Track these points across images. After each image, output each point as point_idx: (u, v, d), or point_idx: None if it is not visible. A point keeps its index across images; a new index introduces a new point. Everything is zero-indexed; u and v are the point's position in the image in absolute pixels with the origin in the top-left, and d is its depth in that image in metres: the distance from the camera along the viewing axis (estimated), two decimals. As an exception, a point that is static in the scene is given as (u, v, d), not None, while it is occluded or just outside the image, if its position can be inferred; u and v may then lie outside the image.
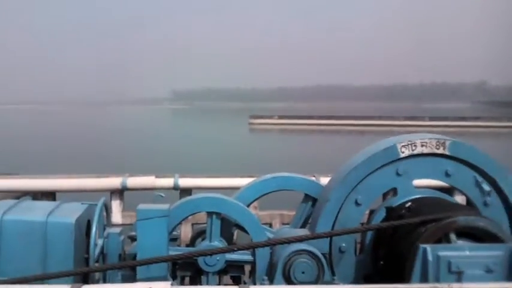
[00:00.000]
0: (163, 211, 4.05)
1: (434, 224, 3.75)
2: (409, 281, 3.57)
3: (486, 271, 3.53)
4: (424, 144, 4.16)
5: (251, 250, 4.23)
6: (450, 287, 3.15)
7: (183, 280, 4.42)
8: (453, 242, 3.70)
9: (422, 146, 4.16)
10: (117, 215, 7.09)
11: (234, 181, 6.95)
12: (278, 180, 4.96)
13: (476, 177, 4.20)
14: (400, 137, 4.29)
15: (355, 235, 4.26)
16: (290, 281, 3.88)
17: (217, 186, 7.21)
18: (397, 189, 4.28)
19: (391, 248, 4.01)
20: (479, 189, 4.20)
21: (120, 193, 7.27)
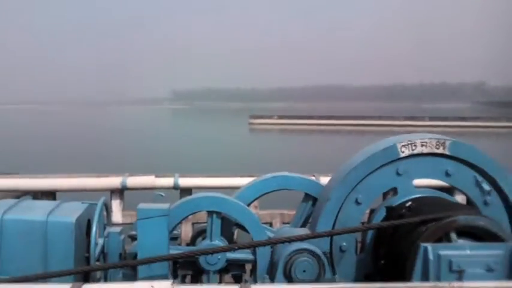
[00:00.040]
0: (163, 210, 4.05)
1: (434, 223, 3.75)
2: (410, 280, 3.58)
3: (487, 270, 3.53)
4: (424, 144, 4.16)
5: (252, 249, 4.23)
6: (451, 286, 3.15)
7: (184, 279, 4.42)
8: (454, 241, 3.70)
9: (422, 146, 4.16)
10: (117, 215, 7.09)
11: (234, 181, 6.95)
12: (278, 179, 4.96)
13: (476, 176, 4.20)
14: (400, 137, 4.29)
15: (355, 234, 4.26)
16: (291, 280, 3.89)
17: (217, 185, 7.21)
18: (397, 188, 4.29)
19: (392, 247, 4.02)
20: (479, 188, 4.20)
21: (120, 192, 7.27)
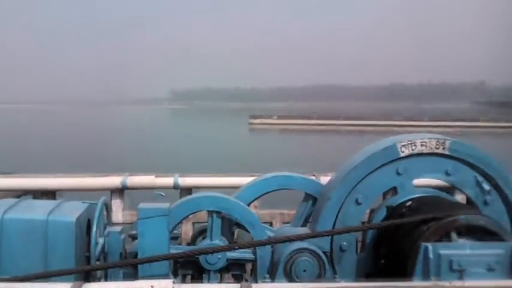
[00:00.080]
0: (163, 210, 4.05)
1: (435, 223, 3.75)
2: (411, 279, 3.58)
3: (487, 269, 3.53)
4: (424, 143, 4.16)
5: (252, 248, 4.23)
6: (452, 285, 3.15)
7: (185, 278, 4.42)
8: (454, 241, 3.71)
9: (422, 146, 4.16)
10: (117, 214, 7.07)
11: (234, 180, 6.93)
12: (278, 179, 4.95)
13: (476, 176, 4.21)
14: (400, 137, 4.29)
15: (356, 234, 4.26)
16: (292, 279, 3.89)
17: (217, 185, 7.19)
18: (397, 188, 4.29)
19: (393, 247, 4.02)
20: (479, 188, 4.21)
21: (120, 192, 7.25)
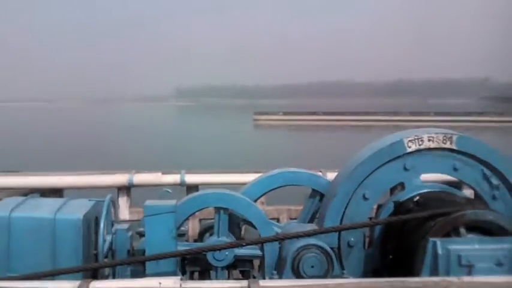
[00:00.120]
0: (170, 207, 4.06)
1: (443, 218, 3.73)
2: (419, 275, 3.56)
3: (496, 264, 3.51)
4: (431, 138, 4.14)
5: (259, 245, 4.23)
6: (461, 280, 3.14)
7: (192, 275, 4.42)
8: (463, 236, 3.69)
9: (429, 141, 4.15)
10: (124, 211, 7.09)
11: (241, 177, 6.93)
12: (285, 175, 4.94)
13: (484, 171, 4.19)
14: (407, 132, 4.28)
15: (363, 230, 4.25)
16: (299, 275, 3.88)
17: (224, 182, 7.19)
18: (405, 183, 4.27)
19: (400, 242, 4.00)
20: (487, 183, 4.19)
21: (127, 189, 7.27)
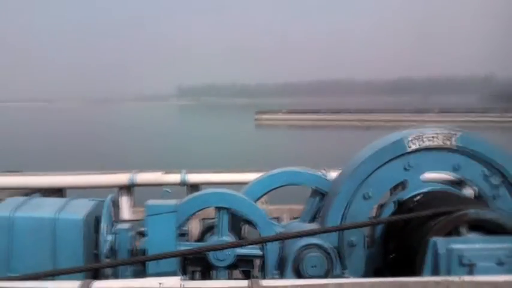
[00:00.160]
0: (172, 206, 4.06)
1: (444, 217, 3.72)
2: (420, 274, 3.56)
3: (497, 263, 3.50)
4: (433, 137, 4.13)
5: (261, 245, 4.23)
6: (462, 280, 3.13)
7: (194, 275, 4.42)
8: (464, 235, 3.68)
9: (430, 140, 4.13)
10: (125, 211, 7.09)
11: (242, 176, 6.93)
12: (286, 174, 4.94)
13: (485, 170, 4.17)
14: (408, 131, 4.26)
15: (364, 229, 4.24)
16: (300, 275, 3.88)
17: (225, 181, 7.20)
18: (406, 183, 4.26)
19: (402, 242, 4.00)
20: (488, 182, 4.17)
21: (128, 189, 7.28)
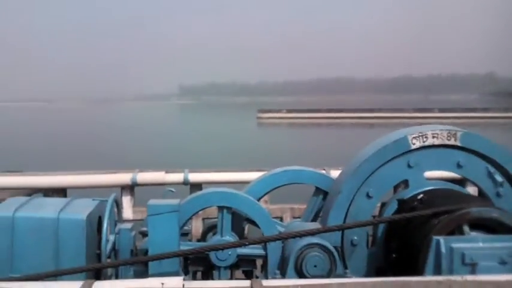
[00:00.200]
0: (173, 206, 4.05)
1: (447, 216, 3.71)
2: (423, 274, 3.54)
3: (500, 263, 3.48)
4: (435, 135, 4.12)
5: (263, 244, 4.22)
6: (464, 279, 3.12)
7: (195, 275, 4.42)
8: (466, 234, 3.67)
9: (433, 138, 4.12)
10: (128, 211, 7.10)
11: (244, 175, 6.94)
12: (288, 173, 4.93)
13: (488, 168, 4.17)
14: (411, 129, 4.25)
15: (367, 228, 4.23)
16: (302, 275, 3.87)
17: (227, 180, 7.21)
18: (409, 181, 4.25)
19: (404, 241, 3.98)
20: (491, 180, 4.17)
21: (130, 189, 7.28)
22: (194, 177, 7.30)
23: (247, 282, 3.18)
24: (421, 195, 4.18)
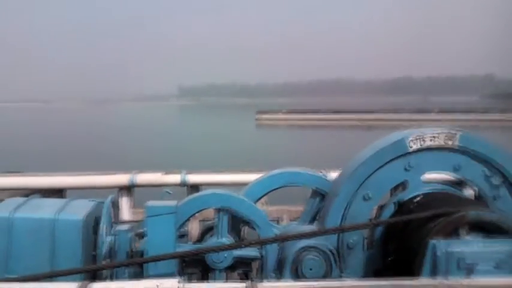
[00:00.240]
0: (171, 208, 4.04)
1: (444, 219, 3.71)
2: (419, 277, 3.54)
3: (497, 266, 3.48)
4: (433, 137, 4.11)
5: (259, 246, 4.22)
6: (460, 283, 3.12)
7: (192, 277, 4.41)
8: (463, 237, 3.66)
9: (431, 140, 4.12)
10: (125, 212, 7.08)
11: (242, 177, 6.93)
12: (286, 175, 4.93)
13: (485, 170, 4.16)
14: (409, 131, 4.25)
15: (364, 230, 4.23)
16: (298, 277, 3.87)
17: (225, 182, 7.20)
18: (406, 183, 4.24)
19: (401, 243, 3.98)
20: (489, 182, 4.16)
21: (128, 190, 7.27)
22: (192, 178, 7.28)
23: (243, 284, 3.18)
24: (419, 197, 4.18)
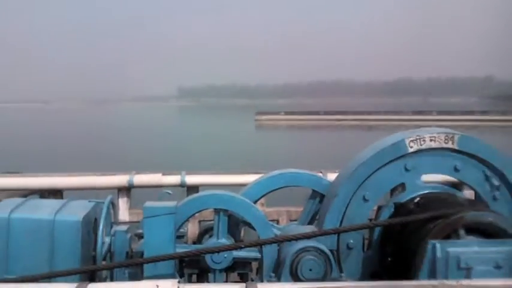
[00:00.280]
0: (170, 208, 4.03)
1: (443, 220, 3.71)
2: (418, 278, 3.54)
3: (496, 267, 3.48)
4: (433, 138, 4.12)
5: (258, 247, 4.21)
6: (459, 284, 3.11)
7: (191, 277, 4.40)
8: (462, 238, 3.66)
9: (431, 141, 4.12)
10: (124, 213, 7.07)
11: (241, 178, 6.92)
12: (285, 176, 4.92)
13: (485, 171, 4.16)
14: (409, 132, 4.25)
15: (363, 231, 4.23)
16: (297, 278, 3.86)
17: (224, 183, 7.20)
18: (406, 184, 4.24)
19: (400, 245, 3.98)
20: (488, 183, 4.17)
21: (127, 190, 7.25)
22: (191, 179, 7.27)
23: (242, 285, 3.17)
24: (418, 198, 4.18)
